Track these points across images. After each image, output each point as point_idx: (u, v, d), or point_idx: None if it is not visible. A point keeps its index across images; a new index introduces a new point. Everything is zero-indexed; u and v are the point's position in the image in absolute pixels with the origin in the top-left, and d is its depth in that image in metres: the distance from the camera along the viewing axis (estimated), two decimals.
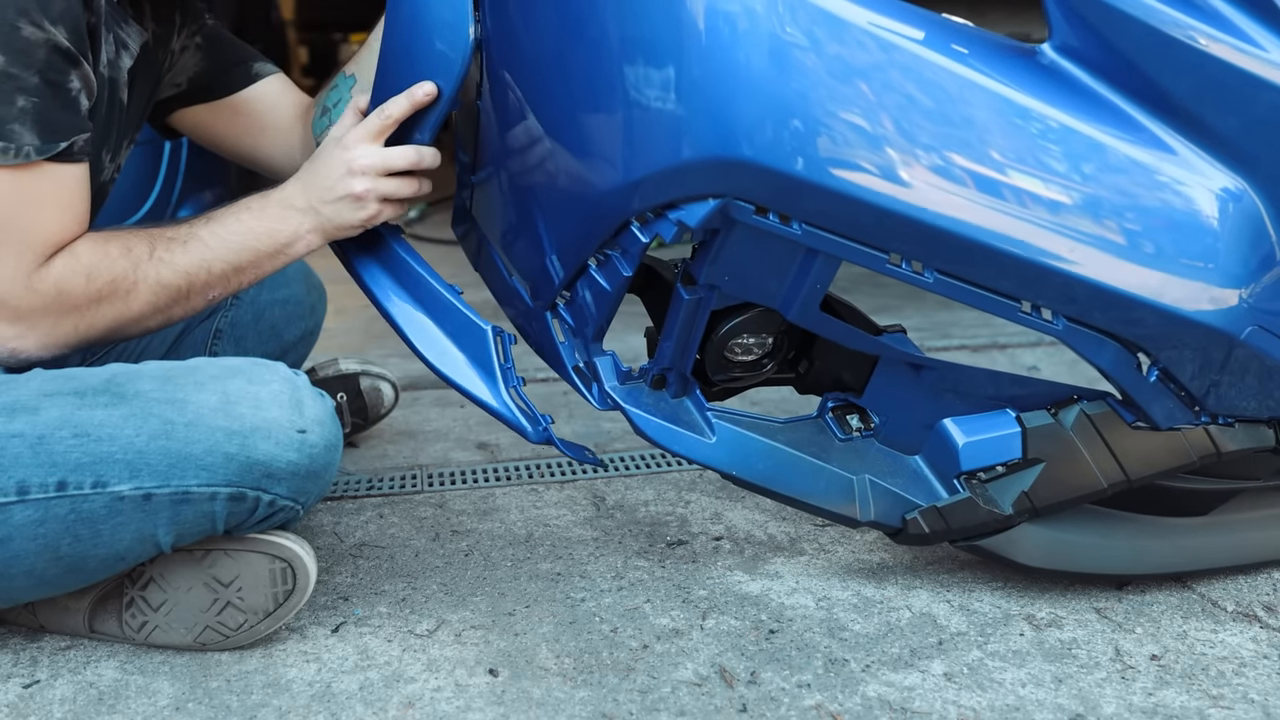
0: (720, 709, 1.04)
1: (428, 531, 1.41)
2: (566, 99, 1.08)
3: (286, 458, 1.03)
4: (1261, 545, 1.30)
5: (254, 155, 1.38)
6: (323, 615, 1.19)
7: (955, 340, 2.32)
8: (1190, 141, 1.04)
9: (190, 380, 1.03)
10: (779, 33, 0.98)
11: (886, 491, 1.20)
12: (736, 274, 1.09)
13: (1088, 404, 1.16)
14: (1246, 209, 1.05)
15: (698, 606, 1.22)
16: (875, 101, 0.98)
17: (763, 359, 1.22)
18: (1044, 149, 1.01)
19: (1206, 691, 1.08)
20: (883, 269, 1.04)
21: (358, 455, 1.67)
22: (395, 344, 2.29)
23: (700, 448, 1.19)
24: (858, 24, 0.98)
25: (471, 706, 1.04)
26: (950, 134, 0.99)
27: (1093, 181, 1.01)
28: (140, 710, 1.03)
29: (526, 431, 1.19)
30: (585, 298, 1.14)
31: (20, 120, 0.98)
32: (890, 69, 0.99)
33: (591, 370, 1.19)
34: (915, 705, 1.05)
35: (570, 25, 1.06)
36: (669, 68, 0.99)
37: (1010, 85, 1.01)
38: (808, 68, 0.98)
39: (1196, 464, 1.17)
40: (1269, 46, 1.00)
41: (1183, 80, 1.02)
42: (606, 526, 1.42)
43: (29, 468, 0.97)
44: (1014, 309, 1.06)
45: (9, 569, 1.00)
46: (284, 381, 1.05)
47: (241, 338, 1.45)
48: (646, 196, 1.04)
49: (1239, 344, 1.06)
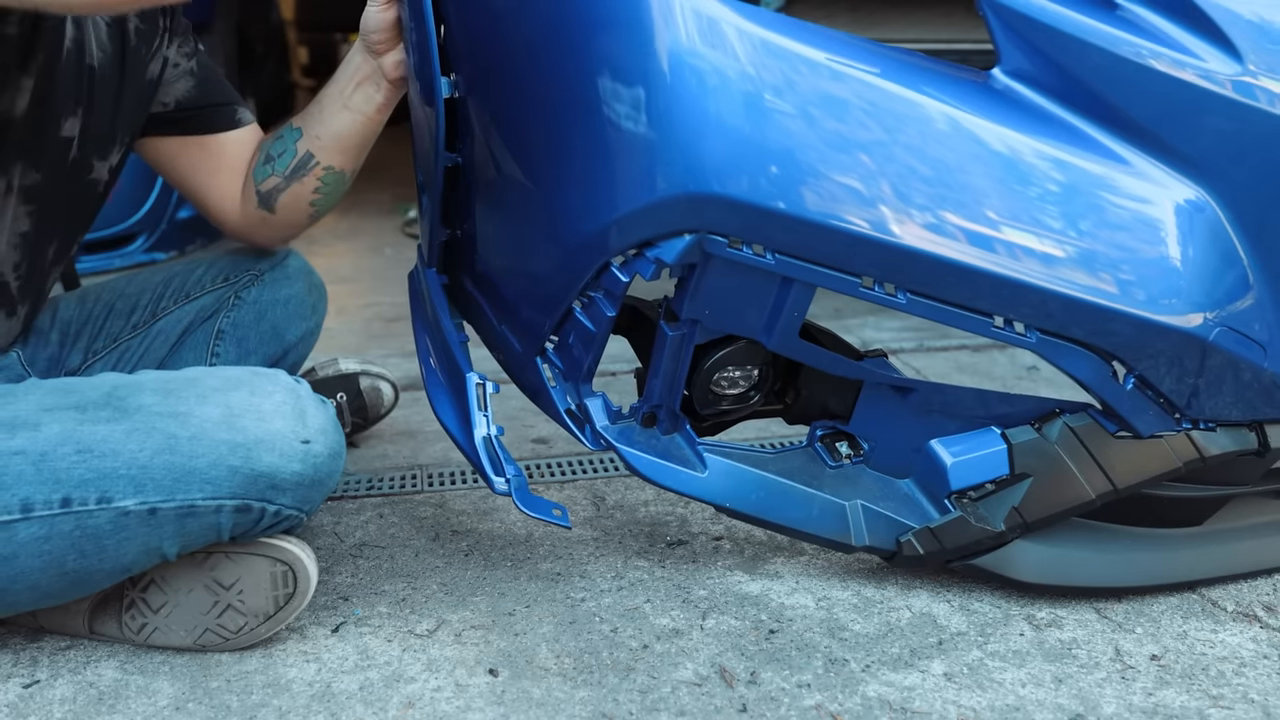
0: (720, 709, 1.04)
1: (428, 531, 1.41)
2: (542, 147, 1.10)
3: (291, 469, 1.03)
4: (1258, 553, 1.30)
5: (197, 190, 1.38)
6: (323, 615, 1.19)
7: (955, 340, 2.32)
8: (1146, 154, 1.07)
9: (192, 393, 1.03)
10: (743, 72, 1.01)
11: (879, 516, 1.21)
12: (716, 307, 1.11)
13: (1070, 417, 1.17)
14: (1206, 215, 1.07)
15: (698, 606, 1.22)
16: (838, 132, 1.02)
17: (749, 391, 1.24)
18: (1005, 169, 1.04)
19: (1206, 691, 1.08)
20: (856, 292, 1.06)
21: (358, 455, 1.67)
22: (395, 344, 2.30)
23: (693, 482, 1.20)
24: (817, 60, 1.02)
25: (471, 706, 1.04)
26: (912, 160, 1.02)
27: (1055, 197, 1.04)
28: (140, 710, 1.03)
29: (492, 483, 1.19)
30: (572, 340, 1.16)
31: None
32: (850, 101, 1.02)
33: (583, 411, 1.20)
34: (915, 705, 1.05)
35: (542, 75, 1.08)
36: (640, 111, 1.02)
37: (968, 110, 1.04)
38: (771, 104, 1.01)
39: (1182, 470, 1.17)
40: (1205, 56, 1.04)
41: (1129, 95, 1.05)
42: (606, 526, 1.42)
43: (32, 485, 0.97)
44: (987, 324, 1.08)
45: (14, 584, 1.00)
46: (286, 392, 1.05)
47: (244, 338, 1.45)
48: (624, 236, 1.06)
49: (1209, 346, 1.08)
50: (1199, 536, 1.28)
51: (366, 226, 3.74)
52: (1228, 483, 1.25)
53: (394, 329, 2.42)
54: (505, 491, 1.18)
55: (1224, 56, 1.04)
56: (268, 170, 1.34)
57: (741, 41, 1.00)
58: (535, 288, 1.16)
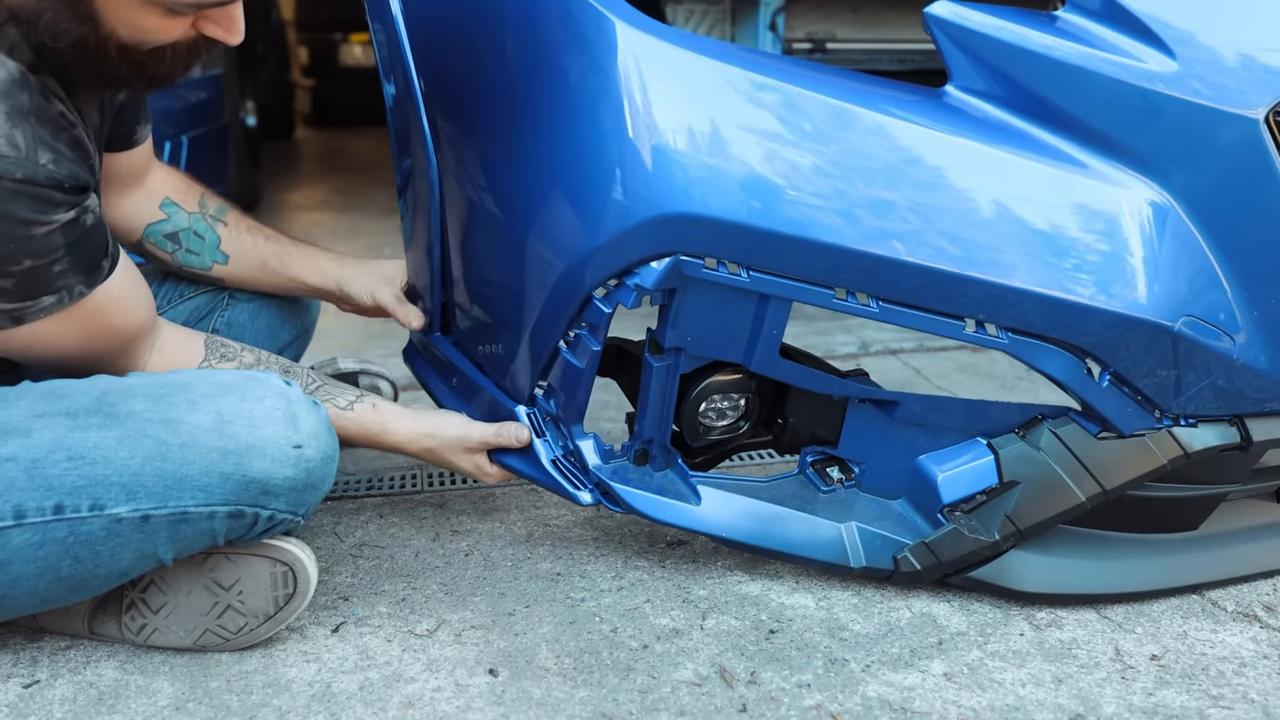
0: (720, 709, 1.04)
1: (428, 531, 1.41)
2: (517, 190, 1.15)
3: (283, 474, 1.03)
4: (1258, 556, 1.30)
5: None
6: (323, 615, 1.19)
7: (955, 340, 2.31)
8: (1101, 155, 1.10)
9: (183, 399, 1.02)
10: (708, 101, 1.05)
11: (875, 536, 1.22)
12: (697, 332, 1.13)
13: (1053, 422, 1.18)
14: (1165, 210, 1.09)
15: (698, 606, 1.22)
16: (804, 150, 1.05)
17: (738, 422, 1.26)
18: (966, 177, 1.07)
19: (1206, 691, 1.08)
20: (830, 304, 1.09)
21: (357, 455, 1.67)
22: (395, 344, 2.29)
23: (689, 515, 1.21)
24: (779, 84, 1.06)
25: (471, 706, 1.04)
26: (874, 173, 1.06)
27: (1015, 201, 1.07)
28: (140, 710, 1.03)
29: (578, 498, 1.22)
30: (561, 382, 1.18)
31: (63, 275, 1.00)
32: (812, 120, 1.06)
33: (574, 456, 1.22)
34: (915, 705, 1.05)
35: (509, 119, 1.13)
36: (612, 142, 1.06)
37: (926, 123, 1.08)
38: (738, 127, 1.05)
39: (1168, 468, 1.17)
40: (1143, 57, 1.08)
41: (1078, 100, 1.09)
42: (606, 526, 1.42)
43: (24, 492, 0.97)
44: (959, 328, 1.10)
45: (10, 590, 1.00)
46: (277, 396, 1.05)
47: (238, 337, 1.44)
48: (603, 265, 1.08)
49: (1177, 337, 1.09)
50: (1198, 540, 1.28)
51: (366, 226, 3.74)
52: (1217, 481, 1.25)
53: (393, 329, 2.40)
54: (592, 503, 1.22)
55: (1161, 56, 1.07)
56: (167, 245, 1.37)
57: (699, 73, 1.06)
58: (522, 333, 1.19)
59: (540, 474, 1.23)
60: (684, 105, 1.05)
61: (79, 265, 1.00)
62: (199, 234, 1.37)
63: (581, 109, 1.07)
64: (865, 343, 2.31)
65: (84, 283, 1.02)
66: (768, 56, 1.18)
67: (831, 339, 2.33)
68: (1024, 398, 1.96)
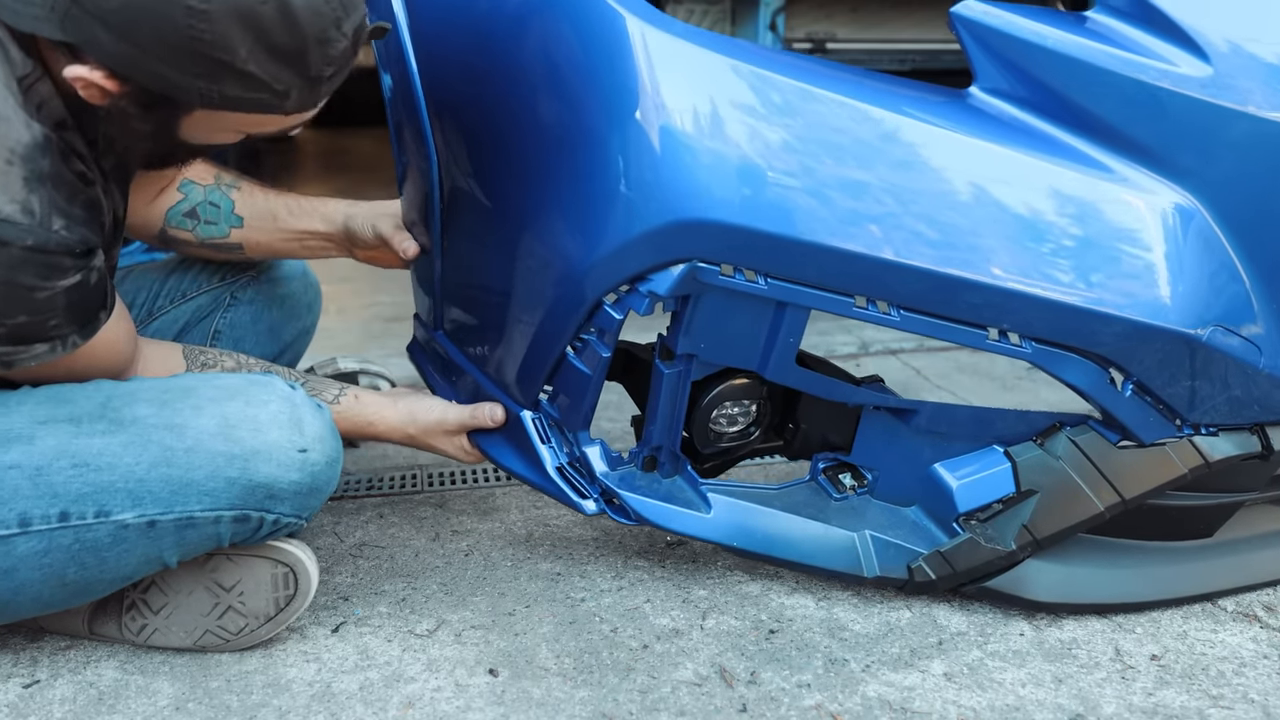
0: (720, 709, 1.04)
1: (428, 531, 1.41)
2: (529, 192, 1.11)
3: (289, 478, 1.03)
4: (1272, 564, 1.29)
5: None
6: (323, 615, 1.19)
7: None
8: (1129, 160, 1.08)
9: (188, 404, 1.02)
10: (727, 102, 1.02)
11: (889, 545, 1.19)
12: (711, 339, 1.11)
13: (1072, 430, 1.16)
14: (1193, 218, 1.08)
15: (698, 606, 1.22)
16: (826, 153, 1.03)
17: (749, 428, 1.24)
18: (990, 182, 1.04)
19: (1206, 691, 1.08)
20: (849, 312, 1.06)
21: (358, 455, 1.67)
22: (395, 343, 2.29)
23: (698, 524, 1.19)
24: (796, 85, 1.03)
25: (471, 706, 1.04)
26: (898, 177, 1.03)
27: (1041, 207, 1.05)
28: (140, 710, 1.03)
29: (582, 508, 1.20)
30: (568, 387, 1.16)
31: (59, 328, 0.98)
32: (833, 123, 1.03)
33: (580, 463, 1.20)
34: (915, 705, 1.05)
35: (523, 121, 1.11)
36: (623, 144, 1.03)
37: (949, 127, 1.05)
38: (758, 130, 1.02)
39: (1188, 477, 1.16)
40: (1176, 60, 1.05)
41: (1106, 104, 1.06)
42: (607, 526, 1.42)
43: (29, 499, 0.97)
44: (981, 337, 1.07)
45: (15, 596, 1.00)
46: (282, 401, 1.05)
47: (240, 338, 1.44)
48: (615, 271, 1.06)
49: (1202, 347, 1.08)
50: (1212, 548, 1.26)
51: None
52: (1235, 489, 1.24)
53: (393, 329, 2.42)
54: (596, 512, 1.20)
55: (1194, 60, 1.05)
56: (187, 224, 1.35)
57: (717, 72, 1.03)
58: (528, 336, 1.16)
59: (544, 482, 1.21)
60: (702, 107, 1.02)
61: (76, 319, 0.99)
62: (214, 203, 1.36)
63: (594, 109, 1.04)
64: (865, 342, 2.31)
65: (79, 334, 1.01)
66: (788, 56, 1.15)
67: (831, 339, 2.32)
68: (1023, 398, 1.96)
